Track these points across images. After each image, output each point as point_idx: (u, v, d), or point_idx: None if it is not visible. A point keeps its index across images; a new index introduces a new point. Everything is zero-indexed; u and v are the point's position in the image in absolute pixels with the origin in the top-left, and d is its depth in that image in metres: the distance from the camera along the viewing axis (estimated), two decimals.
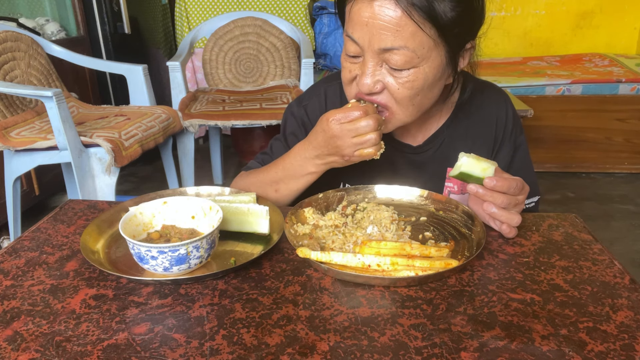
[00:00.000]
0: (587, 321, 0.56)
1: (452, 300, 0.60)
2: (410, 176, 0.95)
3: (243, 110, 2.31)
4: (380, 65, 0.77)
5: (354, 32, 0.76)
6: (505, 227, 0.74)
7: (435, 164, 0.95)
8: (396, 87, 0.78)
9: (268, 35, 2.71)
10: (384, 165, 0.94)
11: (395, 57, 0.74)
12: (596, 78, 3.07)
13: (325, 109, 0.97)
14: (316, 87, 1.02)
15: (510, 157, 0.97)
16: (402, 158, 0.96)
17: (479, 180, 0.73)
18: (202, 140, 3.74)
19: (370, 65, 0.77)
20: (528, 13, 3.90)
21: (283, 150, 0.98)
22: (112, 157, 1.77)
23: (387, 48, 0.74)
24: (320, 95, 0.99)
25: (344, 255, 0.66)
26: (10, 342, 0.54)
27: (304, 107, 1.00)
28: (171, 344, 0.53)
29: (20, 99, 2.02)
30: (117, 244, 0.75)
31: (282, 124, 1.03)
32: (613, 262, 0.69)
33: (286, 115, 1.02)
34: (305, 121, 0.99)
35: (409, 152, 0.95)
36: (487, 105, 0.95)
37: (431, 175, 0.96)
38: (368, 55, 0.77)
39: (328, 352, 0.52)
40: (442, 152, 0.95)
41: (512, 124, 0.96)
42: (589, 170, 3.16)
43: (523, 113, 2.38)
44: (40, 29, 2.78)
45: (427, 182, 0.94)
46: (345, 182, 0.98)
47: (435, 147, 0.95)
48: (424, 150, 0.95)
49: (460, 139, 0.95)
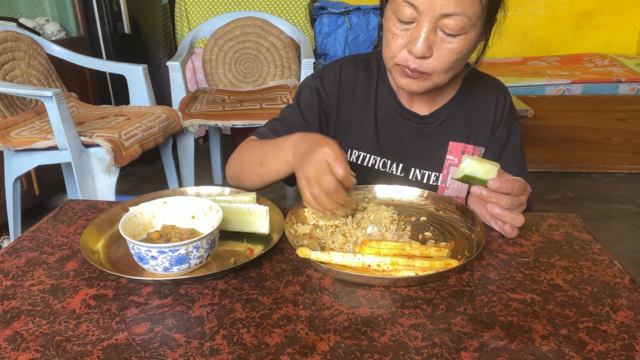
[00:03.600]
0: (587, 321, 0.56)
1: (452, 300, 0.60)
2: (416, 145, 1.00)
3: (243, 110, 2.31)
4: (434, 31, 0.80)
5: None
6: (507, 227, 0.75)
7: (438, 136, 1.00)
8: (445, 52, 0.81)
9: (268, 35, 2.71)
10: (390, 133, 1.00)
11: (452, 22, 0.78)
12: (596, 78, 3.07)
13: (340, 80, 1.01)
14: (332, 63, 1.06)
15: (503, 141, 1.01)
16: (408, 126, 1.00)
17: (482, 182, 0.74)
18: (202, 140, 3.74)
19: (426, 30, 0.79)
20: (528, 13, 3.90)
21: (295, 116, 1.01)
22: (112, 157, 1.77)
23: (448, 13, 0.77)
24: (336, 68, 1.03)
25: (344, 255, 0.66)
26: (10, 342, 0.54)
27: (320, 77, 1.03)
28: (171, 344, 0.53)
29: (20, 99, 2.02)
30: (117, 244, 0.75)
31: (296, 95, 1.05)
32: (613, 262, 0.69)
33: (300, 87, 1.05)
34: (320, 89, 1.02)
35: (415, 121, 1.00)
36: (490, 90, 1.02)
37: (434, 146, 1.00)
38: (425, 19, 0.79)
39: (328, 352, 0.52)
40: (446, 126, 1.00)
41: (509, 109, 1.02)
42: (589, 170, 3.16)
43: (523, 113, 2.38)
44: (40, 29, 2.78)
45: (430, 153, 1.00)
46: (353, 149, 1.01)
47: (441, 120, 1.00)
48: (430, 122, 0.99)
49: (464, 116, 1.00)
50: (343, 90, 1.02)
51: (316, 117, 1.01)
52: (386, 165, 1.00)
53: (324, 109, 1.02)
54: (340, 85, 1.02)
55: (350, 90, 1.02)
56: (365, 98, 1.01)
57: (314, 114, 1.01)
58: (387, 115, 1.00)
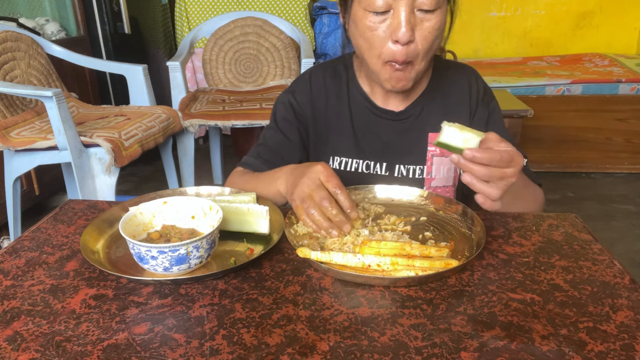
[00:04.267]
0: (587, 321, 0.56)
1: (452, 300, 0.60)
2: (396, 142, 1.00)
3: (243, 110, 2.31)
4: (412, 12, 0.81)
5: None
6: (479, 197, 0.70)
7: (417, 130, 1.00)
8: (426, 32, 0.82)
9: (268, 35, 2.71)
10: (369, 135, 1.00)
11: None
12: (596, 78, 3.07)
13: (311, 90, 1.02)
14: (301, 75, 1.07)
15: (485, 122, 1.01)
16: (386, 125, 1.00)
17: (460, 151, 0.69)
18: (202, 140, 3.74)
19: (405, 13, 0.80)
20: (528, 13, 3.90)
21: (276, 136, 1.02)
22: (112, 157, 1.77)
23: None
24: (305, 79, 1.04)
25: (344, 255, 0.66)
26: (10, 342, 0.54)
27: (292, 92, 1.04)
28: (171, 344, 0.53)
29: (20, 99, 2.02)
30: (117, 244, 0.75)
31: (272, 114, 1.06)
32: (613, 262, 0.69)
33: (275, 105, 1.06)
34: (294, 104, 1.03)
35: (391, 119, 1.00)
36: (460, 75, 1.02)
37: (414, 140, 1.00)
38: (401, 3, 0.80)
39: (328, 352, 0.52)
40: (423, 118, 1.00)
41: (484, 90, 1.03)
42: (589, 170, 3.16)
43: (523, 113, 2.38)
44: (40, 29, 2.78)
45: (411, 148, 1.00)
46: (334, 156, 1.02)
47: (417, 113, 1.00)
48: (407, 117, 1.00)
49: (439, 106, 1.00)
50: (316, 100, 1.02)
51: (296, 133, 1.02)
52: (369, 166, 1.00)
53: (301, 121, 1.02)
54: (312, 95, 1.02)
55: (322, 98, 1.02)
56: (339, 104, 1.01)
57: (293, 130, 1.02)
58: (363, 118, 1.00)
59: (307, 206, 0.74)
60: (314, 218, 0.74)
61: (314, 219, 0.74)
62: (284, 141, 1.01)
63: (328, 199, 0.73)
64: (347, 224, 0.73)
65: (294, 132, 1.02)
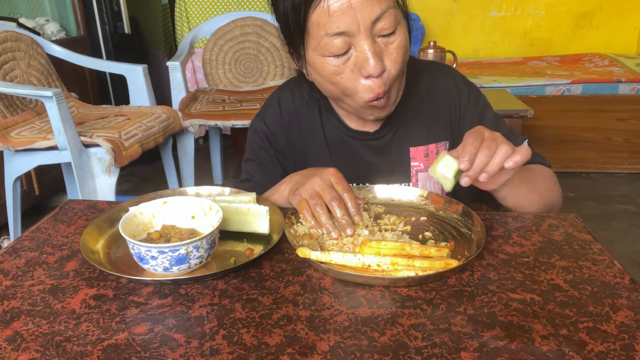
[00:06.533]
0: (587, 321, 0.56)
1: (452, 300, 0.60)
2: (376, 162, 0.97)
3: (243, 110, 2.31)
4: (374, 42, 0.77)
5: (339, 24, 0.75)
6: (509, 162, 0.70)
7: (396, 146, 0.96)
8: (394, 54, 0.78)
9: (268, 35, 2.71)
10: (348, 157, 0.97)
11: (385, 21, 0.76)
12: (596, 78, 3.07)
13: (281, 115, 0.99)
14: (270, 98, 1.03)
15: (477, 121, 0.95)
16: (363, 146, 0.97)
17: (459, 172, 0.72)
18: (202, 140, 3.74)
19: (368, 45, 0.76)
20: (528, 13, 3.90)
21: (260, 170, 1.00)
22: (112, 157, 1.77)
23: (377, 17, 0.75)
24: (274, 105, 1.00)
25: (344, 255, 0.66)
26: (10, 342, 0.54)
27: (263, 120, 1.01)
28: (171, 344, 0.53)
29: (20, 99, 2.02)
30: (117, 244, 0.75)
31: (248, 144, 1.03)
32: (613, 262, 0.69)
33: (250, 134, 1.03)
34: (267, 132, 1.00)
35: (367, 139, 0.96)
36: (434, 81, 0.97)
37: (395, 158, 0.97)
38: (361, 37, 0.76)
39: (328, 352, 0.52)
40: (400, 134, 0.96)
41: (466, 90, 0.97)
42: (589, 170, 3.16)
43: (523, 113, 2.37)
44: (40, 29, 2.78)
45: (393, 166, 0.97)
46: None
47: (393, 130, 0.96)
48: (384, 134, 0.96)
49: (415, 119, 0.96)
50: (288, 126, 0.99)
51: (274, 160, 1.00)
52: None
53: (277, 149, 1.00)
54: (283, 121, 0.99)
55: (294, 122, 0.99)
56: (312, 128, 0.98)
57: (271, 159, 1.00)
58: (339, 141, 0.97)
59: (315, 203, 0.74)
60: (319, 215, 0.74)
61: (319, 216, 0.74)
62: (266, 171, 1.00)
63: (338, 200, 0.74)
64: (351, 227, 0.73)
65: (273, 159, 1.00)
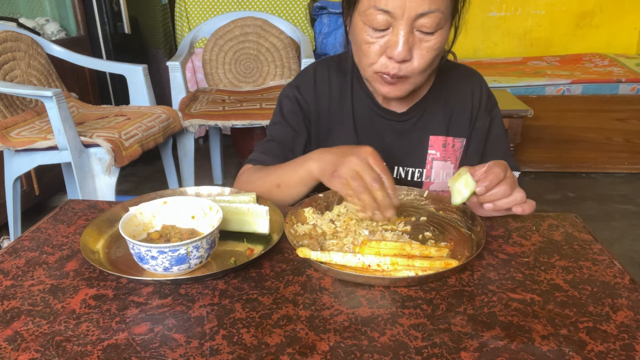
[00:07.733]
0: (587, 321, 0.56)
1: (452, 300, 0.60)
2: (397, 144, 0.99)
3: (243, 110, 2.31)
4: (412, 32, 0.79)
5: (387, 2, 0.78)
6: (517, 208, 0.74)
7: (418, 131, 1.00)
8: (424, 52, 0.81)
9: (268, 35, 2.71)
10: (370, 134, 1.00)
11: (429, 20, 0.78)
12: (596, 78, 3.07)
13: (315, 84, 1.01)
14: (306, 69, 1.06)
15: (486, 129, 1.01)
16: (387, 125, 1.00)
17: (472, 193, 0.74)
18: (202, 140, 3.74)
19: (404, 33, 0.79)
20: (528, 13, 3.90)
21: (285, 130, 1.00)
22: (112, 157, 1.77)
23: (423, 12, 0.77)
24: (309, 75, 1.03)
25: (344, 255, 0.66)
26: (10, 342, 0.54)
27: (296, 86, 1.03)
28: (171, 344, 0.53)
29: (20, 99, 2.02)
30: (117, 244, 0.75)
31: (277, 108, 1.04)
32: (613, 262, 0.69)
33: (280, 99, 1.05)
34: (299, 98, 1.01)
35: (393, 119, 0.99)
36: (464, 79, 1.02)
37: (415, 143, 1.00)
38: (401, 23, 0.78)
39: (328, 352, 0.52)
40: (425, 121, 1.00)
41: (487, 97, 1.02)
42: (589, 170, 3.16)
43: (523, 113, 2.38)
44: (40, 29, 2.78)
45: (411, 150, 1.00)
46: None
47: (419, 115, 0.99)
48: (408, 118, 0.99)
49: (441, 109, 1.00)
50: (319, 96, 1.01)
51: (303, 125, 1.01)
52: None
53: (306, 116, 1.01)
54: (316, 91, 1.01)
55: (326, 94, 1.01)
56: (342, 101, 1.00)
57: (300, 123, 1.01)
58: (365, 116, 1.00)
59: (358, 185, 0.72)
60: (364, 198, 0.73)
61: (364, 199, 0.73)
62: (293, 134, 1.00)
63: (378, 181, 0.72)
64: (392, 209, 0.73)
65: (302, 125, 1.00)
